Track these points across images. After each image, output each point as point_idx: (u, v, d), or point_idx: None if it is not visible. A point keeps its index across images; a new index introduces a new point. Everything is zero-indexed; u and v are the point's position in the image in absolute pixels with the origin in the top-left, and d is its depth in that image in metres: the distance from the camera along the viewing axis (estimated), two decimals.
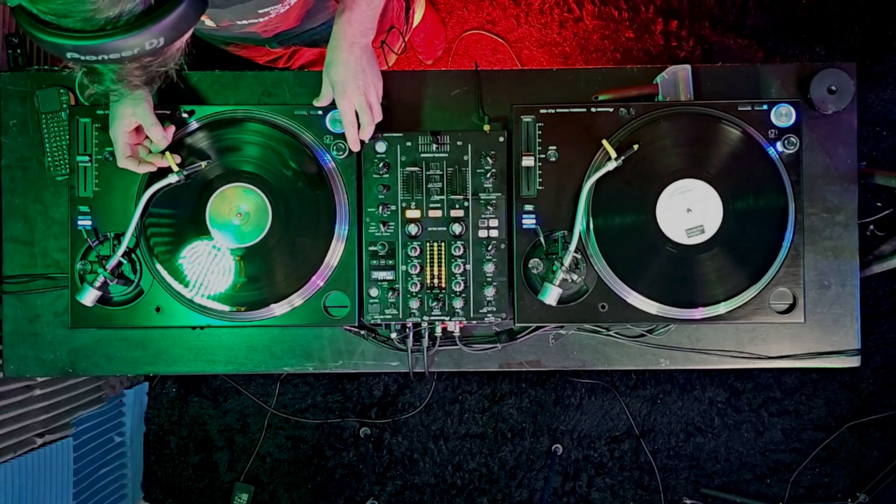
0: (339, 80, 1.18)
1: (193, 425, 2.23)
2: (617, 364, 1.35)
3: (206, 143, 1.24)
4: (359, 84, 1.18)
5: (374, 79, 1.20)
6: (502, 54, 2.20)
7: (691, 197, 1.21)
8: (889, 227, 1.72)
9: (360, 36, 1.17)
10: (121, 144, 1.22)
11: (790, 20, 2.18)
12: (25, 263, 1.35)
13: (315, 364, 1.36)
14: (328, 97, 1.22)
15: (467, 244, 1.24)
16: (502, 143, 1.25)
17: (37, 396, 1.68)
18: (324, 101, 1.23)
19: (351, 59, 1.17)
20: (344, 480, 2.23)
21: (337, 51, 1.17)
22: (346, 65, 1.17)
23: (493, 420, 2.22)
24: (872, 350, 2.18)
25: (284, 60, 1.72)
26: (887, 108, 2.17)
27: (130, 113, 1.19)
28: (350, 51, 1.16)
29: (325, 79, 1.21)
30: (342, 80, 1.17)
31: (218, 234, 1.23)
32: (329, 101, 1.23)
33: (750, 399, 2.22)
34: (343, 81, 1.17)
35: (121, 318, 1.25)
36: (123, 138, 1.21)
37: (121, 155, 1.22)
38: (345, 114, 1.20)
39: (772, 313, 1.23)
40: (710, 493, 2.22)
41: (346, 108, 1.19)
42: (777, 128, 1.22)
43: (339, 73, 1.17)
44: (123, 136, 1.21)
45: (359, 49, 1.17)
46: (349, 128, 1.21)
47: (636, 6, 2.19)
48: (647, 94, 1.30)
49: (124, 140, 1.21)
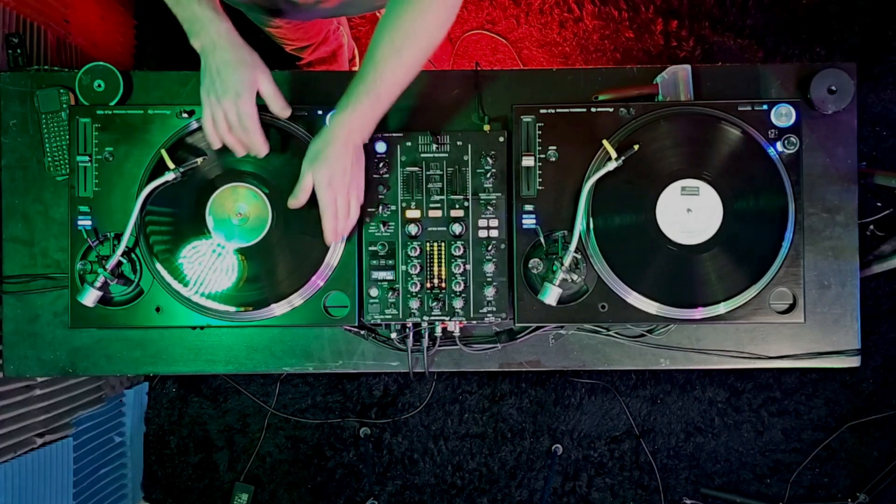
0: (325, 175, 1.13)
1: (193, 425, 2.23)
2: (617, 364, 1.35)
3: (205, 142, 1.24)
4: (345, 181, 1.15)
5: (360, 178, 1.18)
6: (502, 54, 2.20)
7: (691, 197, 1.21)
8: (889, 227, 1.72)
9: (356, 135, 1.14)
10: (253, 118, 1.14)
11: (790, 20, 2.18)
12: (25, 263, 1.34)
13: (315, 364, 1.36)
14: (307, 191, 1.16)
15: (467, 244, 1.24)
16: (502, 143, 1.25)
17: (37, 396, 1.68)
18: (302, 198, 1.17)
19: (342, 157, 1.13)
20: (344, 480, 2.23)
21: (328, 145, 1.13)
22: (336, 160, 1.13)
23: (493, 420, 2.22)
24: (872, 350, 2.18)
25: (310, 51, 1.73)
26: (887, 108, 2.17)
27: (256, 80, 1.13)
28: (344, 148, 1.13)
29: (306, 170, 1.15)
30: (328, 175, 1.13)
31: (218, 234, 1.23)
32: (307, 197, 1.17)
33: (750, 399, 2.22)
34: (330, 176, 1.13)
35: (121, 318, 1.25)
36: (254, 108, 1.14)
37: (255, 131, 1.15)
38: (327, 206, 1.15)
39: (772, 313, 1.23)
40: (710, 493, 2.22)
41: (328, 201, 1.14)
42: (777, 128, 1.22)
43: (326, 168, 1.13)
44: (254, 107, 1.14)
45: (352, 147, 1.14)
46: (331, 219, 1.16)
47: (636, 6, 2.19)
48: (647, 94, 1.30)
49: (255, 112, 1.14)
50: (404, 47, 1.10)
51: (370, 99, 1.11)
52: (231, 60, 1.11)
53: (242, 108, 1.12)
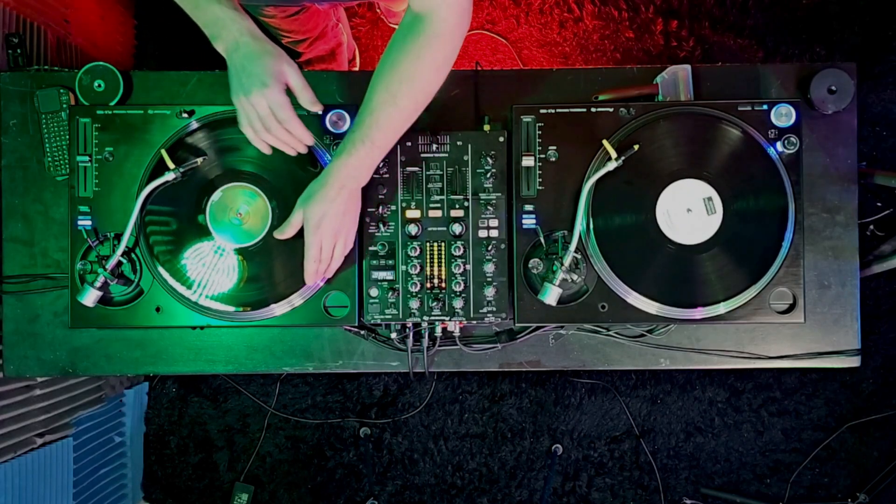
0: (315, 215, 1.13)
1: (193, 425, 2.23)
2: (617, 364, 1.35)
3: (206, 142, 1.24)
4: (334, 226, 1.14)
5: (350, 226, 1.17)
6: (502, 54, 2.20)
7: (691, 197, 1.21)
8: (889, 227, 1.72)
9: (351, 181, 1.14)
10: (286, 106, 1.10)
11: (790, 20, 2.18)
12: (25, 263, 1.35)
13: (315, 364, 1.36)
14: (295, 228, 1.16)
15: (467, 244, 1.24)
16: (502, 143, 1.25)
17: (37, 396, 1.68)
18: (288, 233, 1.17)
19: (337, 201, 1.13)
20: (344, 480, 2.23)
21: (324, 188, 1.12)
22: (330, 203, 1.13)
23: (493, 420, 2.22)
24: (872, 350, 2.18)
25: (307, 46, 1.72)
26: (887, 108, 2.17)
27: (282, 71, 1.10)
28: (338, 192, 1.12)
29: (298, 208, 1.15)
30: (319, 216, 1.13)
31: (218, 234, 1.23)
32: (293, 233, 1.17)
33: (750, 399, 2.22)
34: (320, 218, 1.13)
35: (121, 318, 1.25)
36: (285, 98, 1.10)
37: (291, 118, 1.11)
38: (311, 247, 1.14)
39: (772, 313, 1.23)
40: (710, 493, 2.22)
41: (314, 242, 1.14)
42: (777, 128, 1.22)
43: (318, 209, 1.12)
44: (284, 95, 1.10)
45: (346, 192, 1.13)
46: (312, 262, 1.15)
47: (636, 6, 2.19)
48: (647, 94, 1.30)
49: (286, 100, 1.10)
50: (400, 93, 1.08)
51: (366, 146, 1.11)
52: (255, 52, 1.08)
53: (272, 97, 1.09)
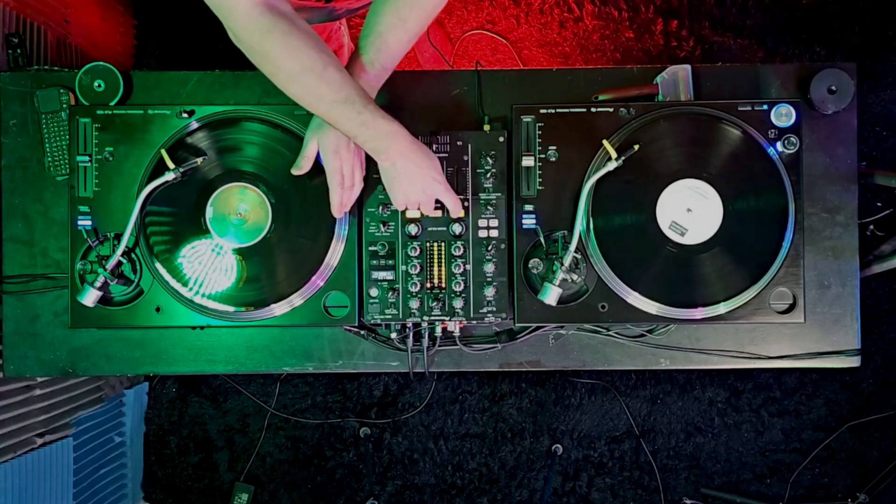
0: (330, 142, 1.13)
1: (193, 425, 2.23)
2: (617, 364, 1.35)
3: (206, 142, 1.24)
4: (351, 148, 1.14)
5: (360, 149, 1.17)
6: (502, 54, 2.20)
7: (691, 197, 1.21)
8: (889, 227, 1.72)
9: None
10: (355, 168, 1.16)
11: (790, 20, 2.18)
12: (25, 263, 1.35)
13: (315, 364, 1.36)
14: (311, 158, 1.16)
15: (467, 244, 1.24)
16: (502, 143, 1.25)
17: (37, 396, 1.68)
18: (305, 166, 1.16)
19: None
20: (344, 480, 2.23)
21: None
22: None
23: (493, 420, 2.22)
24: (872, 350, 2.18)
25: None
26: (887, 108, 2.17)
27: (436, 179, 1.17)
28: None
29: (310, 138, 1.15)
30: (335, 142, 1.13)
31: (218, 234, 1.23)
32: (310, 165, 1.17)
33: (750, 399, 2.21)
34: (336, 143, 1.13)
35: (121, 318, 1.25)
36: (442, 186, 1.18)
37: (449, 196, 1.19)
38: (335, 173, 1.15)
39: (772, 313, 1.23)
40: (710, 493, 2.22)
41: (335, 169, 1.14)
42: (777, 128, 1.22)
43: (332, 135, 1.13)
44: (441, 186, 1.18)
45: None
46: (338, 189, 1.16)
47: (636, 6, 2.19)
48: (647, 94, 1.30)
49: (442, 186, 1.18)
50: (411, 17, 1.11)
51: (374, 69, 1.13)
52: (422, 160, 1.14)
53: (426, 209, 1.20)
